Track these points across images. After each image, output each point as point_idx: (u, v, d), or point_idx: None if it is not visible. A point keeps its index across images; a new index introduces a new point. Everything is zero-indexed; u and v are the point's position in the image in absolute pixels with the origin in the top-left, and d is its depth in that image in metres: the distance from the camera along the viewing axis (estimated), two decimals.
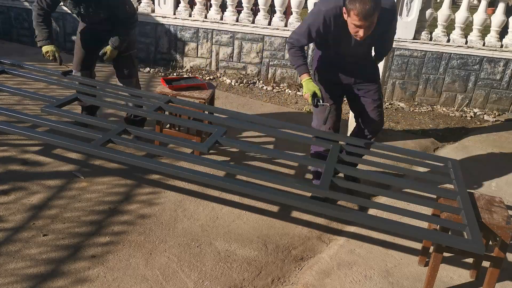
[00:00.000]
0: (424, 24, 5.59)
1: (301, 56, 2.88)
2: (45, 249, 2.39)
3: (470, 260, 2.56)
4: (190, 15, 6.04)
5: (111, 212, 2.77)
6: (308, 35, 2.80)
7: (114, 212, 2.78)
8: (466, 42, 5.51)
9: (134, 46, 3.67)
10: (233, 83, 5.83)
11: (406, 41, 5.55)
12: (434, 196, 2.57)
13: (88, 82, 3.43)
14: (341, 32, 2.73)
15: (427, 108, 5.67)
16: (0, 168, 3.08)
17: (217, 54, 6.14)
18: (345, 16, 2.61)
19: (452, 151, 4.26)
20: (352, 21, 2.54)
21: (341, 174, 3.30)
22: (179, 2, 6.06)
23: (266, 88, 5.79)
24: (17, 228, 2.53)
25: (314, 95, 2.78)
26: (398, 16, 5.12)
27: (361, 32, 2.56)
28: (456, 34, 5.55)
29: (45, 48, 3.33)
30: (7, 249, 2.35)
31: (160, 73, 6.03)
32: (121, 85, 3.55)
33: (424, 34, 5.54)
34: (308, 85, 2.80)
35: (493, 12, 5.68)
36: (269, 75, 6.08)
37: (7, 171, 3.07)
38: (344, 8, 2.58)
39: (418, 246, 2.68)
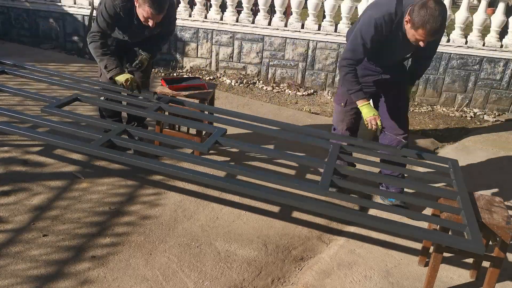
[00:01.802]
0: None
1: (358, 80, 2.79)
2: (45, 250, 2.39)
3: (470, 260, 2.56)
4: (190, 15, 6.05)
5: (111, 213, 2.77)
6: (364, 48, 2.70)
7: (115, 213, 2.78)
8: (466, 42, 5.51)
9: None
10: (233, 83, 5.83)
11: None
12: (434, 196, 2.58)
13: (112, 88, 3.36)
14: (393, 36, 2.69)
15: (427, 108, 5.67)
16: (2, 169, 3.08)
17: (217, 54, 6.14)
18: (406, 24, 2.58)
19: (452, 151, 4.26)
20: (417, 35, 2.53)
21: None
22: (179, 2, 6.06)
23: (266, 88, 5.79)
24: (19, 229, 2.52)
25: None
26: None
27: (422, 43, 2.56)
28: (456, 34, 5.55)
29: (123, 77, 3.08)
30: (9, 250, 2.35)
31: (160, 73, 6.03)
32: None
33: None
34: (370, 110, 2.78)
35: (493, 12, 5.68)
36: (269, 75, 6.08)
37: (9, 171, 3.07)
38: (408, 16, 2.54)
39: (418, 246, 2.68)
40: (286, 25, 5.80)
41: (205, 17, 6.00)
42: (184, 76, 5.29)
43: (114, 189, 3.02)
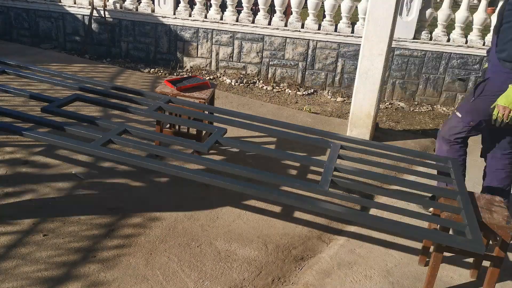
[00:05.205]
0: (424, 24, 5.59)
1: None
2: (47, 252, 2.38)
3: (470, 260, 2.56)
4: (190, 15, 6.05)
5: (112, 214, 2.77)
6: None
7: (116, 214, 2.78)
8: (466, 42, 5.51)
9: None
10: (233, 83, 5.83)
11: (406, 41, 5.55)
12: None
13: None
14: None
15: (427, 108, 5.67)
16: (6, 170, 3.08)
17: (217, 54, 6.14)
18: None
19: None
20: None
21: None
22: (179, 2, 6.07)
23: (266, 88, 5.79)
24: (23, 231, 2.51)
25: None
26: (398, 16, 5.11)
27: None
28: (456, 33, 5.55)
29: None
30: (14, 252, 2.35)
31: (160, 73, 6.03)
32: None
33: (424, 34, 5.54)
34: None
35: (493, 11, 5.68)
36: (269, 75, 6.08)
37: (13, 172, 3.06)
38: None
39: (418, 245, 2.68)
40: (286, 25, 5.80)
41: (205, 17, 6.00)
42: (184, 76, 5.29)
43: (115, 190, 3.02)
